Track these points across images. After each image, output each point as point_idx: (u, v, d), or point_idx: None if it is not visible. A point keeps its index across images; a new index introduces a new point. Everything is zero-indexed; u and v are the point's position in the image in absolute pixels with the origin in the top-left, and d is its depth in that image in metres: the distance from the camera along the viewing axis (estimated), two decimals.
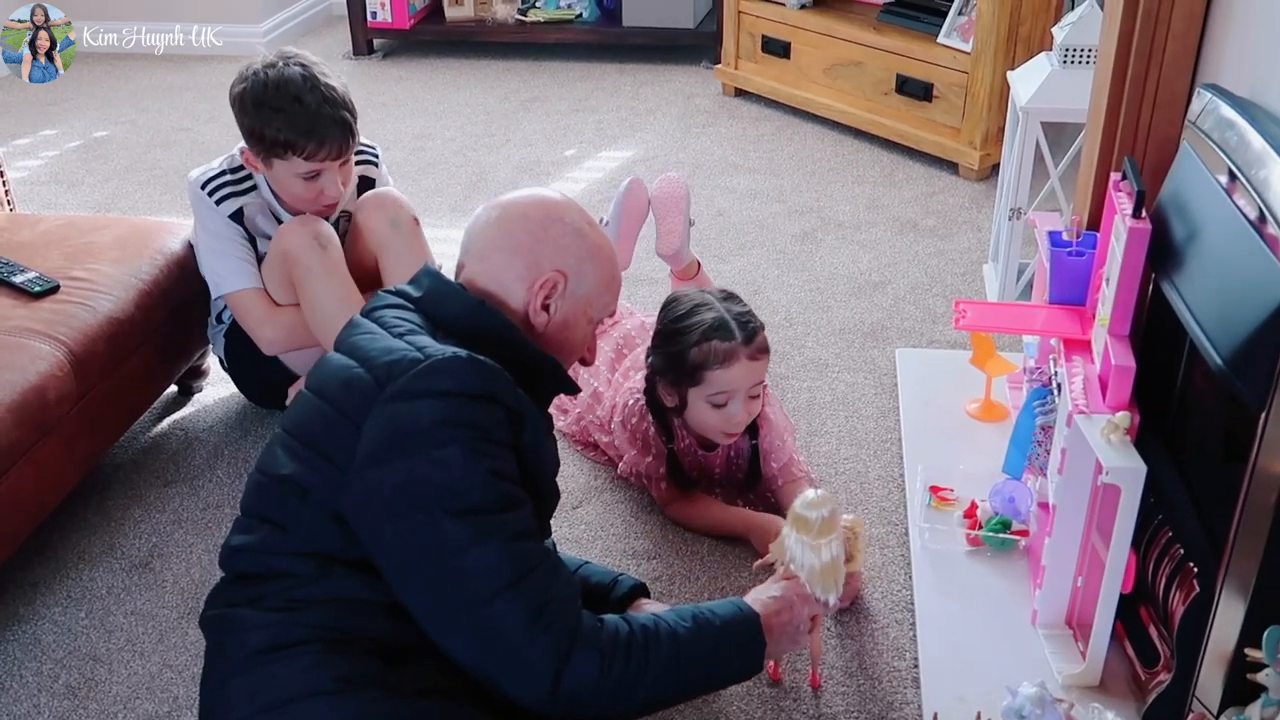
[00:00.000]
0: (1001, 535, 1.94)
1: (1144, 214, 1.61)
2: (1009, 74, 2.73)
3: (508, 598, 1.31)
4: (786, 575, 1.60)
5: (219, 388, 2.55)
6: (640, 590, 1.73)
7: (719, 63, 4.11)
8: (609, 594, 1.70)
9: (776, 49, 3.86)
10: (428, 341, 1.40)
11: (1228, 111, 1.55)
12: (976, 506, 1.99)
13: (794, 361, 2.57)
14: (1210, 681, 1.47)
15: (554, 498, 1.58)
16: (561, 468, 1.72)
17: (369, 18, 4.53)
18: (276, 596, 1.39)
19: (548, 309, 1.52)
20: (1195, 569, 1.50)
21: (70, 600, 1.97)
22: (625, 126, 3.89)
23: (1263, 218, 1.38)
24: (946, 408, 2.32)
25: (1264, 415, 1.32)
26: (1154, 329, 1.72)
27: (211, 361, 2.56)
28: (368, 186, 2.33)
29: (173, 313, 2.28)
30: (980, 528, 1.95)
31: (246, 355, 2.30)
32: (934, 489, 2.05)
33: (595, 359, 1.68)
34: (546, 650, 1.32)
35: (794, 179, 3.45)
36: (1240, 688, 1.42)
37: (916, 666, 1.77)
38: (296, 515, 1.40)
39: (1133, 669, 1.68)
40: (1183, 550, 1.55)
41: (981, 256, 2.97)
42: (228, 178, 2.21)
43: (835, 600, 1.59)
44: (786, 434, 2.14)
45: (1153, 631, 1.65)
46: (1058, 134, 2.62)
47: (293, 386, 2.26)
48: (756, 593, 1.58)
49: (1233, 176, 1.48)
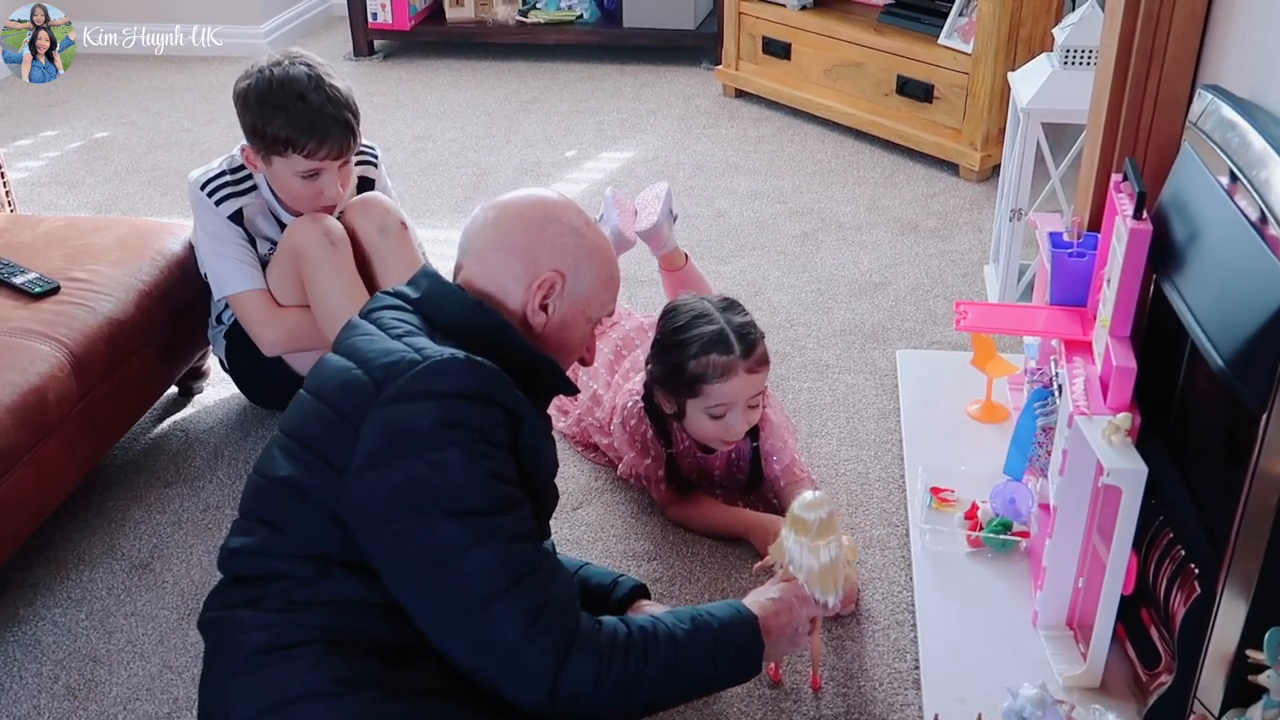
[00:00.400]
0: (1002, 536, 1.94)
1: (1145, 215, 1.61)
2: (1010, 75, 2.73)
3: (506, 599, 1.31)
4: (786, 577, 1.60)
5: (219, 389, 2.55)
6: (640, 591, 1.73)
7: (719, 64, 4.11)
8: (609, 595, 1.70)
9: (777, 50, 3.86)
10: (426, 343, 1.40)
11: (1229, 112, 1.55)
12: (977, 508, 1.98)
13: (795, 362, 2.56)
14: (1211, 683, 1.47)
15: (553, 499, 1.58)
16: (562, 469, 1.72)
17: (369, 19, 4.53)
18: (276, 598, 1.39)
19: (546, 309, 1.52)
20: (1196, 570, 1.50)
21: (70, 601, 1.97)
22: (626, 128, 3.89)
23: (1264, 219, 1.38)
24: (947, 409, 2.32)
25: (1265, 416, 1.32)
26: (1155, 330, 1.72)
27: (212, 362, 2.56)
28: (367, 187, 2.33)
29: (173, 314, 2.28)
30: (981, 529, 1.95)
31: (247, 356, 2.30)
32: (935, 490, 2.05)
33: (594, 359, 1.67)
34: (545, 652, 1.32)
35: (794, 180, 3.45)
36: (1242, 689, 1.41)
37: (917, 668, 1.77)
38: (295, 517, 1.40)
39: (1134, 670, 1.68)
40: (1184, 551, 1.55)
41: (982, 258, 2.97)
42: (227, 178, 2.21)
43: (834, 602, 1.59)
44: (788, 435, 2.14)
45: (1154, 633, 1.65)
46: (1058, 135, 2.62)
47: None
48: (755, 595, 1.57)
49: (1234, 177, 1.48)
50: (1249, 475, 1.35)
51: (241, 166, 2.21)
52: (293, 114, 2.06)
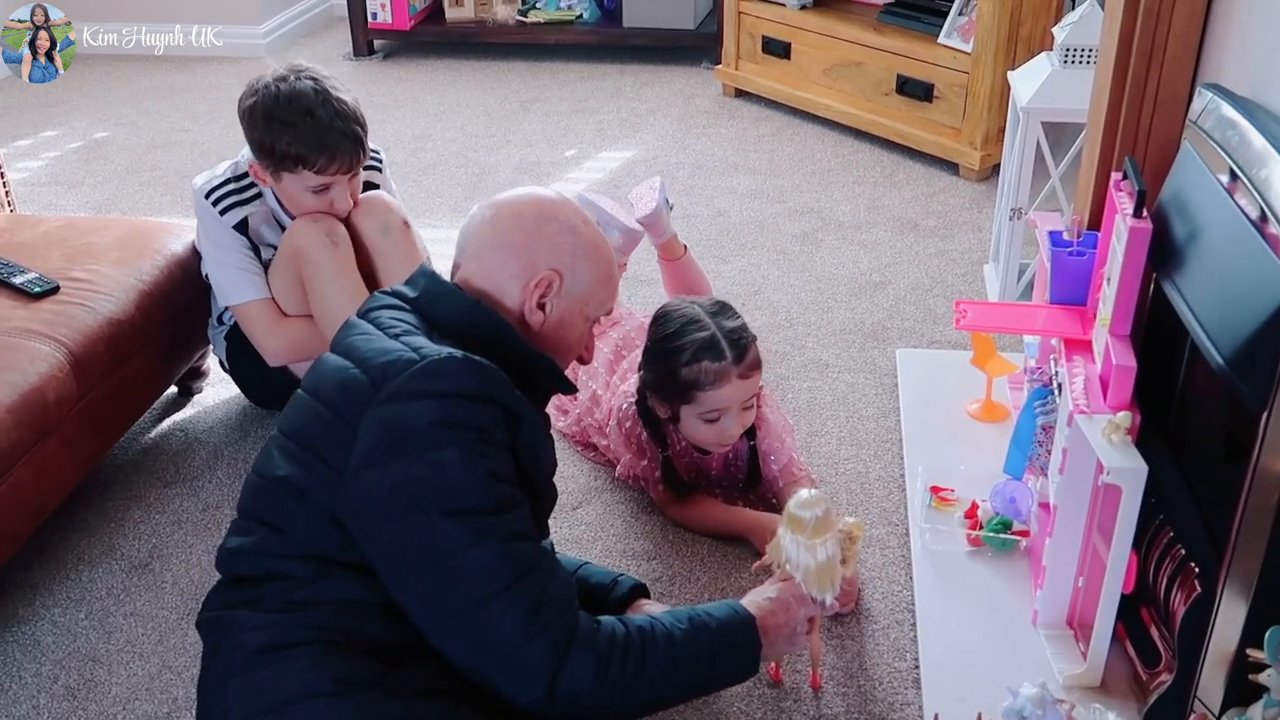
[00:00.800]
0: (1002, 536, 1.93)
1: (1145, 214, 1.61)
2: (1009, 74, 2.73)
3: (504, 599, 1.31)
4: (783, 577, 1.60)
5: (219, 389, 2.55)
6: (640, 591, 1.73)
7: (719, 63, 4.11)
8: (608, 594, 1.70)
9: (777, 49, 3.86)
10: (423, 342, 1.39)
11: (1229, 111, 1.55)
12: (977, 507, 1.98)
13: (794, 362, 2.56)
14: (1212, 682, 1.47)
15: (551, 498, 1.58)
16: (561, 469, 1.72)
17: (369, 19, 4.53)
18: (274, 598, 1.39)
19: (544, 308, 1.51)
20: (1197, 569, 1.50)
21: (70, 601, 1.97)
22: (625, 127, 3.89)
23: (1264, 217, 1.38)
24: (947, 408, 2.32)
25: (1265, 415, 1.31)
26: (1155, 329, 1.71)
27: (211, 362, 2.56)
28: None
29: (173, 314, 2.28)
30: (981, 528, 1.95)
31: (247, 356, 2.29)
32: (935, 489, 2.05)
33: (593, 358, 1.67)
34: (543, 652, 1.32)
35: (794, 179, 3.45)
36: (1242, 688, 1.41)
37: (917, 667, 1.77)
38: (293, 517, 1.40)
39: (1134, 669, 1.68)
40: (1184, 550, 1.55)
41: (982, 257, 2.97)
42: (232, 186, 2.20)
43: (832, 600, 1.58)
44: (785, 435, 2.14)
45: (1154, 632, 1.65)
46: (1058, 134, 2.62)
47: None
48: (753, 595, 1.57)
49: (1234, 176, 1.48)
50: (1249, 474, 1.35)
51: (246, 174, 2.20)
52: (301, 130, 2.05)
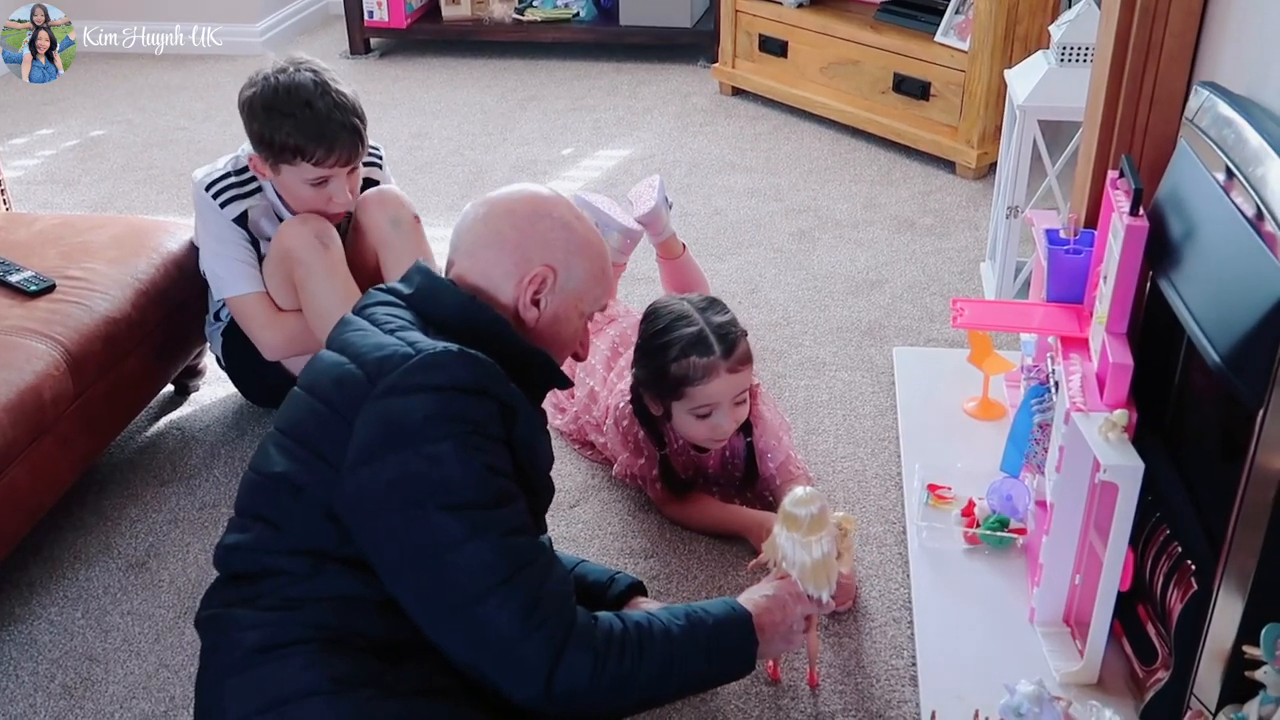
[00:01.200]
0: (999, 533, 1.94)
1: (1141, 212, 1.61)
2: (1006, 72, 2.73)
3: (501, 594, 1.31)
4: (780, 575, 1.60)
5: (215, 387, 2.55)
6: (637, 588, 1.73)
7: (716, 62, 4.10)
8: (605, 592, 1.70)
9: (774, 48, 3.86)
10: (419, 337, 1.39)
11: (1225, 109, 1.55)
12: (974, 505, 1.98)
13: (791, 360, 2.56)
14: (1208, 679, 1.47)
15: (548, 493, 1.58)
16: (559, 466, 1.72)
17: (366, 17, 4.52)
18: (271, 595, 1.39)
19: (538, 304, 1.51)
20: (1193, 566, 1.50)
21: (66, 600, 1.97)
22: (622, 125, 3.88)
23: (1260, 215, 1.38)
24: (944, 406, 2.32)
25: (1261, 412, 1.32)
26: (1152, 327, 1.72)
27: (208, 361, 2.56)
28: (371, 188, 2.32)
29: (169, 312, 2.28)
30: (978, 526, 1.95)
31: (244, 353, 2.29)
32: (932, 487, 2.05)
33: (589, 354, 1.67)
34: (540, 647, 1.32)
35: (791, 178, 3.45)
36: (1238, 685, 1.42)
37: (914, 665, 1.77)
38: (290, 513, 1.40)
39: (1131, 667, 1.68)
40: (1180, 548, 1.55)
41: (979, 255, 2.97)
42: (232, 180, 2.20)
43: (828, 597, 1.59)
44: (782, 432, 2.14)
45: (1150, 629, 1.65)
46: (1055, 132, 2.62)
47: None
48: (750, 593, 1.57)
49: (1230, 174, 1.48)
50: (1245, 471, 1.35)
51: (246, 168, 2.20)
52: (300, 122, 2.05)
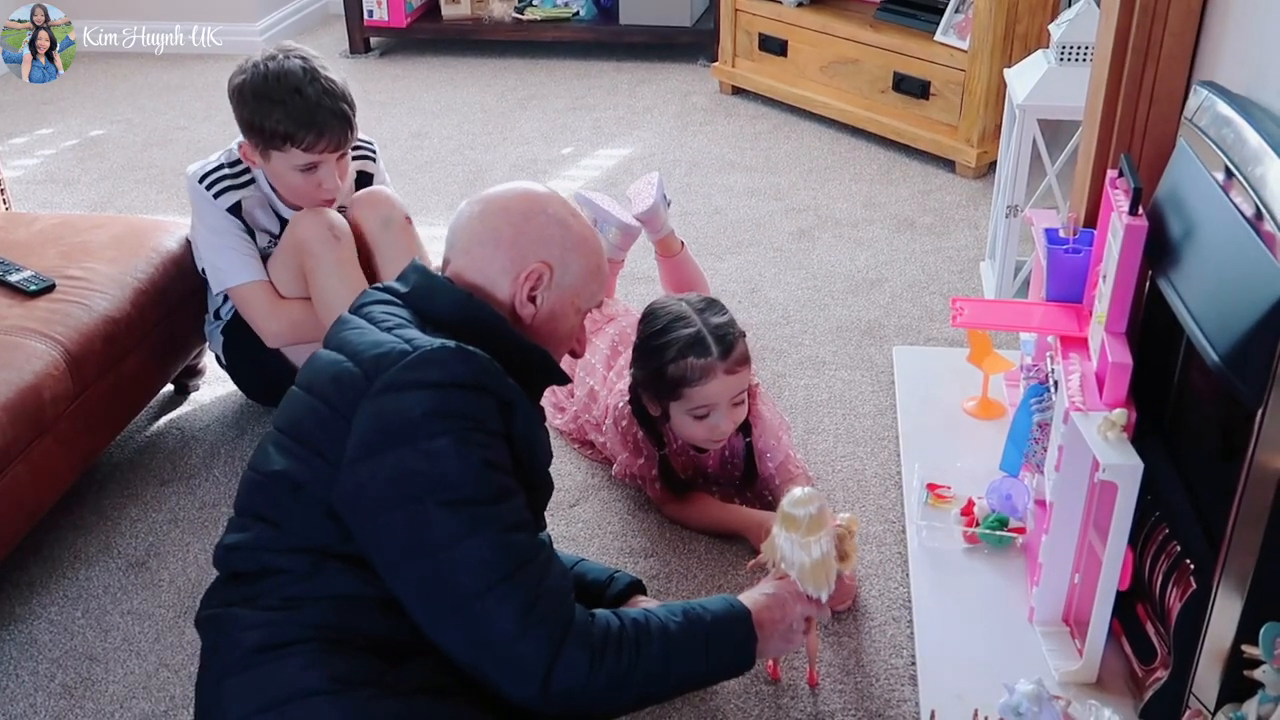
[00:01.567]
0: (999, 533, 1.94)
1: (1141, 211, 1.61)
2: (1006, 71, 2.73)
3: (500, 591, 1.31)
4: (779, 575, 1.60)
5: (215, 387, 2.55)
6: (636, 587, 1.73)
7: (716, 61, 4.10)
8: (605, 591, 1.70)
9: (774, 47, 3.86)
10: (416, 334, 1.40)
11: (1224, 109, 1.55)
12: (974, 504, 1.99)
13: (791, 359, 2.56)
14: (1207, 678, 1.47)
15: (547, 489, 1.58)
16: (558, 466, 1.72)
17: (366, 16, 4.52)
18: (271, 594, 1.39)
19: (534, 300, 1.51)
20: (1192, 566, 1.50)
21: (66, 600, 1.97)
22: (622, 125, 3.88)
23: (1259, 215, 1.38)
24: (944, 405, 2.32)
25: (1260, 412, 1.32)
26: (1151, 326, 1.72)
27: (208, 360, 2.56)
28: (365, 182, 2.33)
29: (169, 311, 2.28)
30: (977, 525, 1.95)
31: (245, 351, 2.30)
32: (931, 486, 2.05)
33: (588, 353, 1.67)
34: (538, 645, 1.32)
35: (791, 177, 3.45)
36: (1237, 684, 1.42)
37: (914, 664, 1.77)
38: (290, 511, 1.40)
39: (1130, 666, 1.68)
40: (1179, 547, 1.55)
41: (978, 254, 2.97)
42: (225, 171, 2.21)
43: (827, 596, 1.59)
44: (781, 432, 2.14)
45: (1150, 628, 1.65)
46: (1055, 131, 2.63)
47: None
48: (750, 592, 1.57)
49: (1229, 174, 1.48)
50: (1244, 471, 1.35)
51: (239, 160, 2.21)
52: (289, 108, 2.06)
